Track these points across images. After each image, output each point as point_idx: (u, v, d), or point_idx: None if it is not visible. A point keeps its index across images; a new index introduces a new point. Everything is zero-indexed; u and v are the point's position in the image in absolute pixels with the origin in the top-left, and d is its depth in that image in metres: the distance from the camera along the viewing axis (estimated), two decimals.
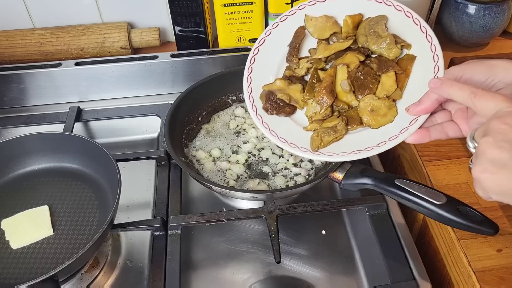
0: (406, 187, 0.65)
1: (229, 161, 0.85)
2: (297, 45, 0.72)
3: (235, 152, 0.87)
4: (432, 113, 0.60)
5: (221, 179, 0.82)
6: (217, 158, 0.85)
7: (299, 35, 0.72)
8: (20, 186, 0.81)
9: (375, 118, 0.64)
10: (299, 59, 0.72)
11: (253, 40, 1.06)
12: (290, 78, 0.71)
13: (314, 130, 0.66)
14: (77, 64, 0.98)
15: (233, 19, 1.02)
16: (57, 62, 0.99)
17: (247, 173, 0.83)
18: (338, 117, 0.66)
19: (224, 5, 0.99)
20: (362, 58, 0.67)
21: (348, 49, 0.69)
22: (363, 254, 0.78)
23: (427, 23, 0.66)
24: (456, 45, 1.10)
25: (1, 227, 0.75)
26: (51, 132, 0.83)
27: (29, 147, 0.82)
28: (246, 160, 0.85)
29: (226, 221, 0.76)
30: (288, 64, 0.73)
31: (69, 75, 0.98)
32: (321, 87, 0.66)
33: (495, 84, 0.55)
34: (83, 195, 0.80)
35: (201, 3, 0.98)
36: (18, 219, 0.75)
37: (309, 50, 0.73)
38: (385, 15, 0.69)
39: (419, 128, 0.60)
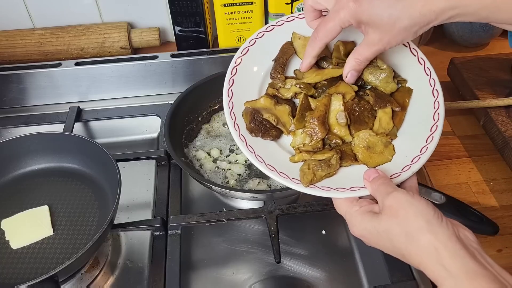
0: None
1: (229, 161, 0.85)
2: (285, 62, 0.64)
3: (235, 152, 0.87)
4: None
5: (221, 179, 0.82)
6: (217, 158, 0.85)
7: (287, 52, 0.65)
8: (20, 186, 0.81)
9: (372, 156, 0.58)
10: (285, 77, 0.65)
11: None
12: (274, 97, 0.64)
13: (302, 161, 0.59)
14: (77, 64, 0.98)
15: (233, 19, 1.02)
16: (57, 62, 0.99)
17: (247, 173, 0.83)
18: (330, 150, 0.59)
19: (224, 5, 0.99)
20: (356, 88, 0.61)
21: (340, 77, 0.62)
22: (363, 254, 0.78)
23: None
24: (456, 45, 1.10)
25: (1, 227, 0.75)
26: (51, 132, 0.83)
27: (29, 147, 0.82)
28: (246, 160, 0.85)
29: (226, 221, 0.76)
30: (271, 81, 0.65)
31: (69, 75, 0.98)
32: (313, 117, 0.59)
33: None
34: (83, 195, 0.80)
35: (201, 3, 0.98)
36: (18, 219, 0.75)
37: (294, 71, 0.65)
38: None
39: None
